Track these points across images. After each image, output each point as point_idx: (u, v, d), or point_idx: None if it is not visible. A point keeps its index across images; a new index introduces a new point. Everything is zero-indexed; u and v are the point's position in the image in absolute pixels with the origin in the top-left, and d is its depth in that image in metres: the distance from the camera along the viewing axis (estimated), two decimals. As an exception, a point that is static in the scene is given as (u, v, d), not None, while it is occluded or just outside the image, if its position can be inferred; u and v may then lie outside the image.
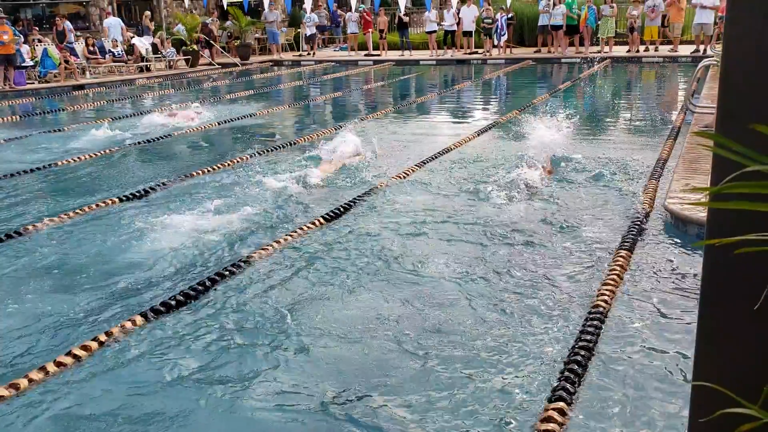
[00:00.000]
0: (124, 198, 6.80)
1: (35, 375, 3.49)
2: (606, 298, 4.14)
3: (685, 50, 18.80)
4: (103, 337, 3.88)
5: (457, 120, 10.74)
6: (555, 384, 3.28)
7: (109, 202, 6.67)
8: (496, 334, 3.87)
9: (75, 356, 3.68)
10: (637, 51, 19.51)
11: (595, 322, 3.86)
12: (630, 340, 3.75)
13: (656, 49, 19.42)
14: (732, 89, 1.38)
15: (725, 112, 1.39)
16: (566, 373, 3.35)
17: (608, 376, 3.41)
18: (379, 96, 15.49)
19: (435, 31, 22.14)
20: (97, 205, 6.55)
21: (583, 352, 3.54)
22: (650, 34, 19.51)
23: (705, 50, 18.14)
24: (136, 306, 4.37)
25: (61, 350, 3.78)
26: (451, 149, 8.59)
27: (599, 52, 19.63)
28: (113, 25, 19.71)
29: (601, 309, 4.01)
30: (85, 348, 3.75)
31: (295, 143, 9.48)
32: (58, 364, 3.60)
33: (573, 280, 4.57)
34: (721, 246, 1.27)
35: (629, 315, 4.03)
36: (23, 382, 3.43)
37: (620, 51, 19.79)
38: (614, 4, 19.40)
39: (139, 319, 4.10)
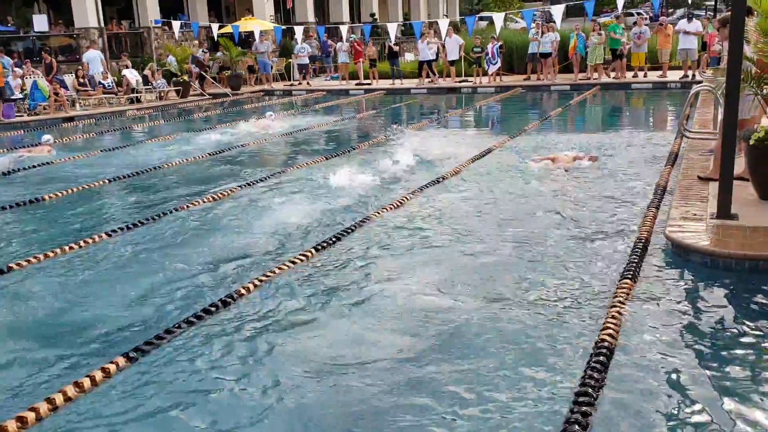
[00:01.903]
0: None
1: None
2: (611, 331, 4.02)
3: (673, 76, 18.94)
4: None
5: (449, 148, 10.71)
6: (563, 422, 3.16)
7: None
8: (499, 369, 3.74)
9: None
10: (626, 77, 19.65)
11: (601, 358, 3.74)
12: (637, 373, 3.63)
13: (645, 75, 19.57)
14: None
15: None
16: (574, 416, 3.23)
17: (617, 411, 3.29)
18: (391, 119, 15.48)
19: (426, 61, 22.29)
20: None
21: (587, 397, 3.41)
22: (638, 61, 19.68)
23: (693, 76, 18.29)
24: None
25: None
26: (441, 180, 8.52)
27: (588, 79, 19.76)
28: (92, 58, 19.68)
29: (606, 344, 3.89)
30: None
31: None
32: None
33: (575, 313, 4.45)
34: None
35: (635, 346, 3.92)
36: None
37: (608, 78, 19.92)
38: (602, 32, 19.59)
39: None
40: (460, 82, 21.63)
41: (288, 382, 3.75)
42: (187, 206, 7.65)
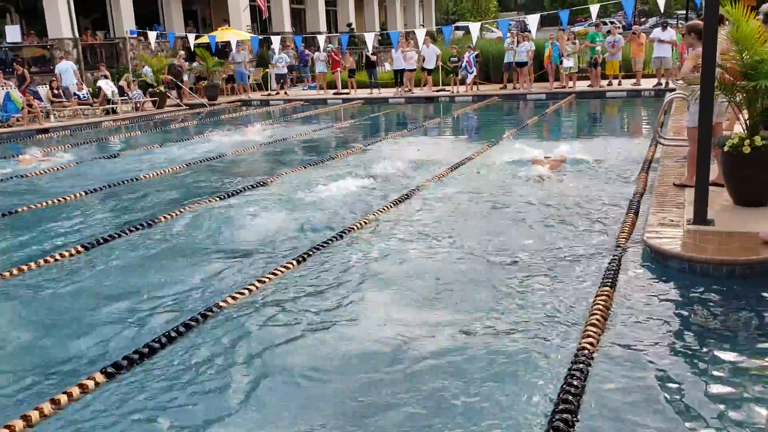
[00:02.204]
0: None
1: None
2: (591, 340, 4.04)
3: (647, 84, 19.20)
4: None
5: (426, 157, 10.74)
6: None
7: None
8: (477, 379, 3.73)
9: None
10: (603, 85, 19.89)
11: (580, 365, 3.75)
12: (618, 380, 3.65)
13: (619, 83, 19.82)
14: None
15: None
16: (554, 423, 3.23)
17: (599, 420, 3.30)
18: (381, 127, 15.48)
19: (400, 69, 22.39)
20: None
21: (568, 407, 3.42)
22: (612, 69, 19.94)
23: (667, 83, 18.55)
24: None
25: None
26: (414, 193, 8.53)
27: (563, 87, 19.96)
28: (64, 69, 19.47)
29: (586, 351, 3.90)
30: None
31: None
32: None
33: (554, 320, 4.47)
34: None
35: (615, 354, 3.94)
36: None
37: (583, 86, 20.14)
38: (576, 41, 19.83)
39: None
40: (437, 91, 21.73)
41: (266, 396, 3.72)
42: (164, 218, 7.58)
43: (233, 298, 5.06)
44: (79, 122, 18.12)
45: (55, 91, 18.75)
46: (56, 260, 6.19)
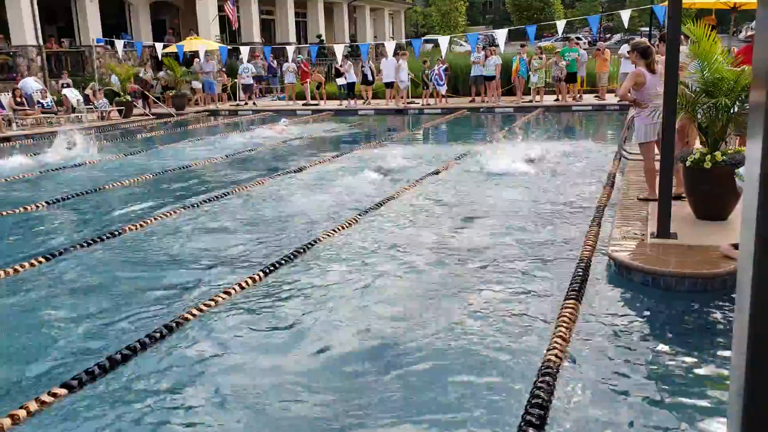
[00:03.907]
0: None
1: None
2: (556, 352, 4.07)
3: (612, 99, 19.55)
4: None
5: (395, 168, 10.77)
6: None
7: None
8: (443, 391, 3.73)
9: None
10: (568, 99, 20.20)
11: (547, 378, 3.77)
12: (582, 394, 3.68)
13: (580, 98, 20.19)
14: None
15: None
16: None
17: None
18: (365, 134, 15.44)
19: (372, 82, 22.50)
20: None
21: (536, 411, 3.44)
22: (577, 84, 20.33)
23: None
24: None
25: None
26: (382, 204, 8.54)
27: (531, 101, 20.24)
28: (26, 85, 19.25)
29: (551, 364, 3.93)
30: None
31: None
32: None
33: (520, 336, 4.49)
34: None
35: (581, 366, 3.97)
36: None
37: (549, 100, 20.44)
38: (543, 56, 20.16)
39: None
40: (408, 103, 21.85)
41: (235, 409, 3.67)
42: (130, 228, 7.46)
43: (200, 310, 4.99)
44: (42, 131, 17.78)
45: (18, 99, 18.39)
46: (17, 271, 6.05)
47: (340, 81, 22.44)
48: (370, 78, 22.50)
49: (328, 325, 4.75)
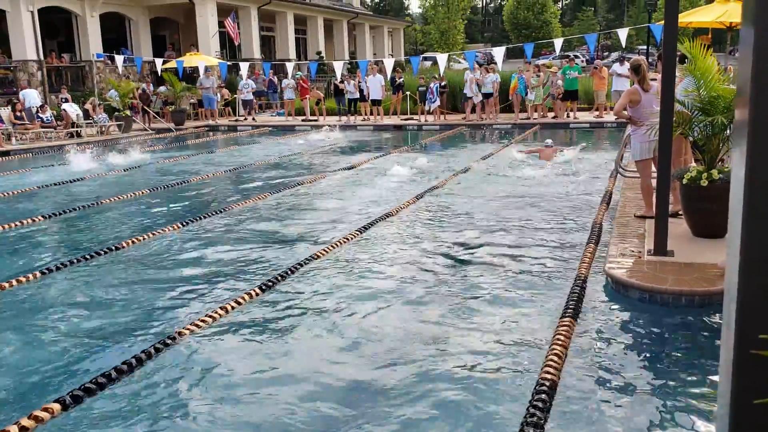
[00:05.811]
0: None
1: None
2: (552, 369, 4.06)
3: (610, 117, 19.61)
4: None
5: (393, 184, 10.79)
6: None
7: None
8: (439, 406, 3.72)
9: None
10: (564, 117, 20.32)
11: (542, 396, 3.76)
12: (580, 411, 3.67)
13: (575, 116, 20.29)
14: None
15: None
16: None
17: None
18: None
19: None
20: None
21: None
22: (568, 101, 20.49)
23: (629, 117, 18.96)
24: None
25: None
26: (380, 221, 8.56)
27: (528, 118, 20.32)
28: (28, 94, 19.29)
29: (547, 382, 3.92)
30: None
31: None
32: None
33: (516, 350, 4.49)
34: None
35: (577, 384, 3.96)
36: None
37: (547, 117, 20.52)
38: (540, 74, 20.26)
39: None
40: (406, 120, 21.93)
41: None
42: (126, 244, 7.46)
43: (197, 326, 4.99)
44: (42, 145, 17.81)
45: (18, 114, 18.43)
46: (19, 283, 6.04)
47: (351, 95, 22.38)
48: (366, 94, 22.58)
49: (321, 341, 4.74)
